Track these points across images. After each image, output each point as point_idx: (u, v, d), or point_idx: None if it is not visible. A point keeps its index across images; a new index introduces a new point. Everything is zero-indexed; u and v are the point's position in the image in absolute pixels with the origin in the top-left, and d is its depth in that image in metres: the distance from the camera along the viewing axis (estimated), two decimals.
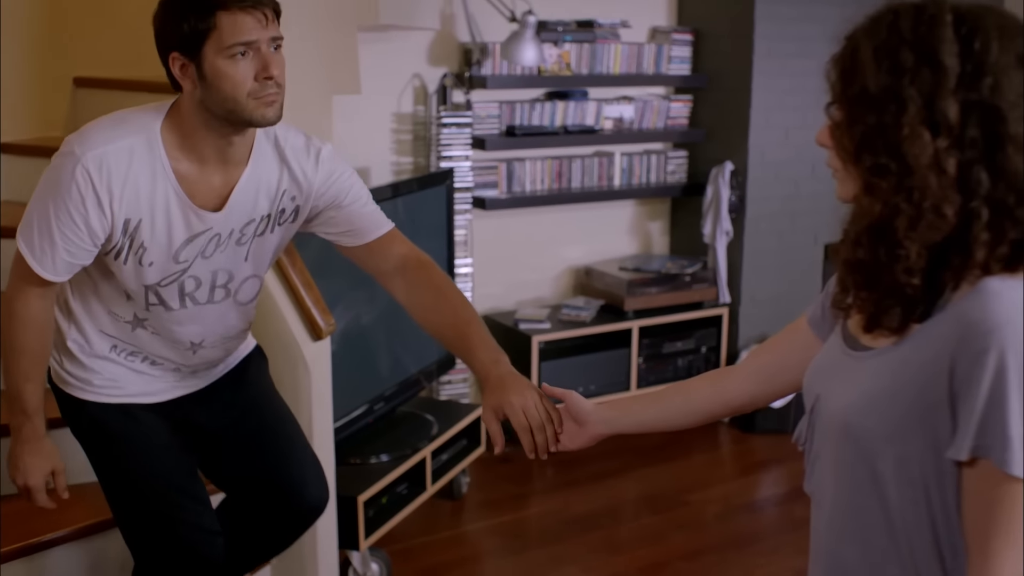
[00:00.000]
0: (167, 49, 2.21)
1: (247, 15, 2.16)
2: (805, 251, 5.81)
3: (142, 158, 2.25)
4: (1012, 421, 1.36)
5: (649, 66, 5.62)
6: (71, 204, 2.23)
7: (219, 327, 2.53)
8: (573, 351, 5.27)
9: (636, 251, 5.96)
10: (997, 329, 1.38)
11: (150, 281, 2.37)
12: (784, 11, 5.52)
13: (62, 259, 2.29)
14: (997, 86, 1.43)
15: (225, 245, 2.39)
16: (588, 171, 5.56)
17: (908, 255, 1.45)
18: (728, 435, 5.57)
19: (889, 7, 1.51)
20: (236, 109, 2.19)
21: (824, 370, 1.68)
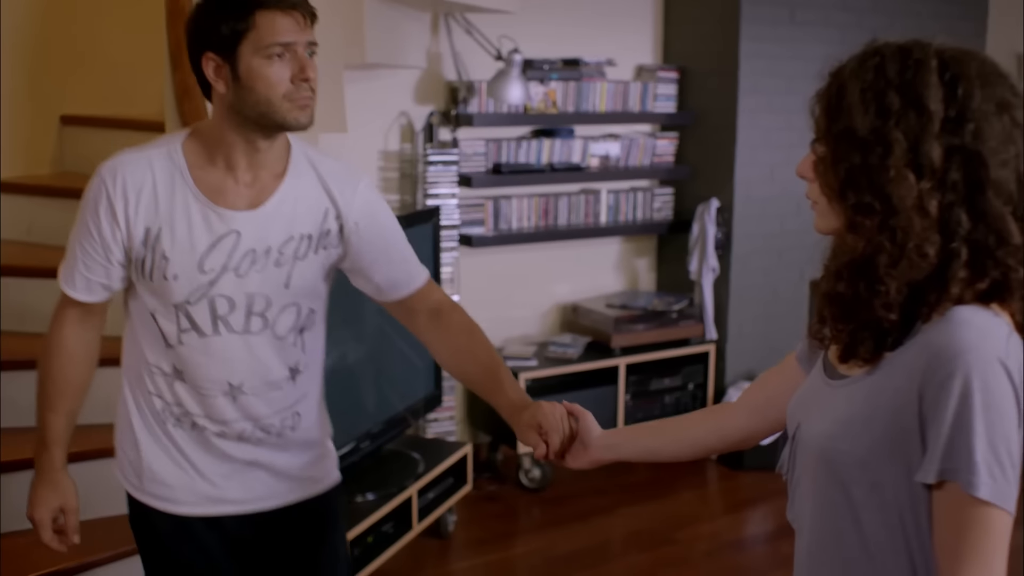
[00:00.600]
0: (201, 50, 2.15)
1: (285, 16, 2.12)
2: (791, 287, 5.82)
3: (161, 168, 2.20)
4: (977, 444, 1.40)
5: (635, 104, 5.65)
6: (88, 216, 2.21)
7: (258, 366, 2.31)
8: (560, 388, 5.26)
9: (623, 288, 5.97)
10: (962, 354, 1.42)
11: (178, 298, 2.23)
12: (769, 49, 5.56)
13: (80, 274, 2.25)
14: (979, 132, 1.48)
15: (262, 264, 2.25)
16: (574, 208, 5.57)
17: (888, 291, 1.49)
18: (716, 472, 5.56)
19: (875, 48, 1.55)
20: (269, 111, 2.14)
21: (805, 399, 1.72)
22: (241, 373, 2.30)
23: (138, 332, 2.31)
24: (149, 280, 2.22)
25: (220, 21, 2.11)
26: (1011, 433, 1.43)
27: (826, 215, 1.59)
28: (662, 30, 5.89)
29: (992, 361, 1.42)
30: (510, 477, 5.27)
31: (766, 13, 5.53)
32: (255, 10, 2.10)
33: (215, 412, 2.31)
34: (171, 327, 2.25)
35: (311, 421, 2.45)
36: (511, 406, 2.37)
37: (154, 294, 2.24)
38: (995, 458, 1.41)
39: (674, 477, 5.43)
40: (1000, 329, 1.47)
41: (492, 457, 5.42)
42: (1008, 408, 1.43)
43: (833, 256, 1.59)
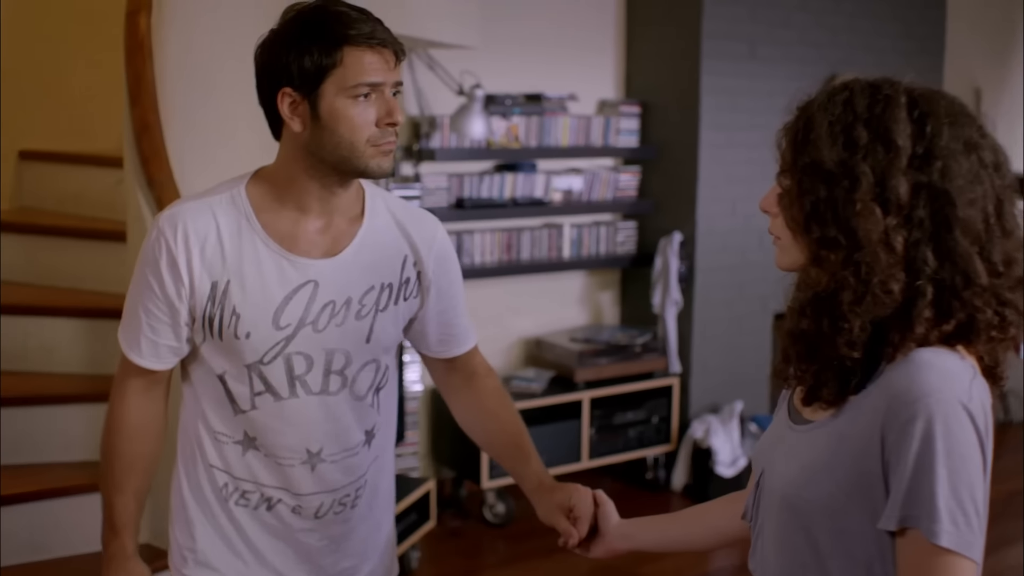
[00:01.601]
0: (277, 84, 1.95)
1: (375, 54, 1.94)
2: (754, 320, 5.84)
3: (225, 214, 2.00)
4: (939, 491, 1.36)
5: (597, 138, 5.66)
6: (149, 271, 1.99)
7: (336, 428, 2.09)
8: (524, 423, 5.22)
9: (587, 322, 5.97)
10: (923, 398, 1.39)
11: (251, 358, 2.01)
12: (730, 84, 5.59)
13: (147, 338, 2.02)
14: (947, 170, 1.46)
15: (342, 317, 2.05)
16: (537, 243, 5.57)
17: (851, 328, 1.46)
18: (680, 505, 5.54)
19: (844, 84, 1.54)
20: (351, 156, 1.95)
21: (769, 445, 1.68)
22: (320, 439, 2.08)
23: (201, 399, 2.09)
24: (219, 339, 2.01)
25: (304, 54, 1.92)
26: (975, 479, 1.39)
27: (789, 251, 1.57)
28: (624, 65, 5.92)
29: (954, 404, 1.39)
30: (474, 512, 5.24)
31: (727, 48, 5.57)
32: (343, 45, 1.92)
33: (293, 483, 2.09)
34: (243, 390, 2.04)
35: (384, 489, 2.27)
36: (538, 481, 2.27)
37: (224, 354, 2.03)
38: (958, 505, 1.36)
39: (639, 510, 5.38)
40: (964, 372, 1.44)
41: (456, 492, 5.38)
42: (972, 454, 1.39)
43: (797, 292, 1.56)
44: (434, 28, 4.62)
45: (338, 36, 1.92)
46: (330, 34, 1.92)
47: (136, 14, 3.46)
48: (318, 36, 1.92)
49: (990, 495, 1.44)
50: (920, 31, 6.40)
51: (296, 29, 1.95)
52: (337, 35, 1.92)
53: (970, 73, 7.78)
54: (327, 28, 1.92)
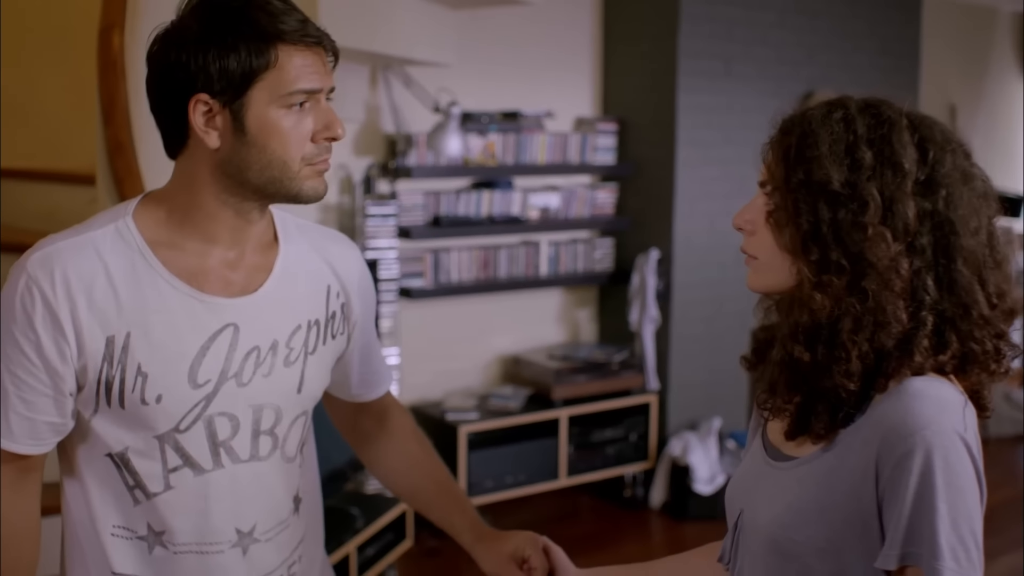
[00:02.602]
0: (187, 89, 1.57)
1: (313, 54, 1.61)
2: (732, 337, 5.84)
3: (113, 251, 1.61)
4: (940, 527, 1.31)
5: (574, 155, 5.66)
6: (17, 330, 1.57)
7: (269, 499, 1.76)
8: (501, 441, 5.21)
9: (564, 339, 5.96)
10: (920, 430, 1.33)
11: (164, 426, 1.63)
12: (706, 101, 5.61)
13: (18, 414, 1.59)
14: (951, 198, 1.42)
15: (269, 366, 1.71)
16: (515, 260, 5.56)
17: (849, 358, 1.40)
18: (659, 523, 5.53)
19: (838, 101, 1.49)
20: (282, 178, 1.61)
21: (746, 483, 1.60)
22: (252, 514, 1.73)
23: (88, 487, 1.67)
24: (118, 407, 1.61)
25: (226, 53, 1.56)
26: (974, 512, 1.34)
27: (769, 271, 1.50)
28: (601, 82, 5.92)
29: (952, 436, 1.34)
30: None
31: (703, 66, 5.58)
32: (276, 42, 1.57)
33: (223, 574, 1.73)
34: (154, 468, 1.65)
35: (320, 559, 1.96)
36: (477, 532, 2.00)
37: (125, 426, 1.63)
38: (959, 540, 1.31)
39: (617, 528, 5.40)
40: (957, 400, 1.39)
41: None
42: (970, 486, 1.34)
43: (787, 317, 1.48)
44: (410, 45, 4.61)
45: (270, 31, 1.57)
46: (260, 29, 1.56)
47: (109, 31, 3.45)
48: (245, 31, 1.56)
49: None
50: (896, 48, 6.43)
51: (215, 22, 1.57)
52: (269, 30, 1.57)
53: (945, 90, 7.83)
54: (255, 22, 1.57)
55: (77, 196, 4.30)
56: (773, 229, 1.48)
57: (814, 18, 6.00)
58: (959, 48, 8.01)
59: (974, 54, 8.20)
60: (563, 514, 5.57)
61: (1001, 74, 8.47)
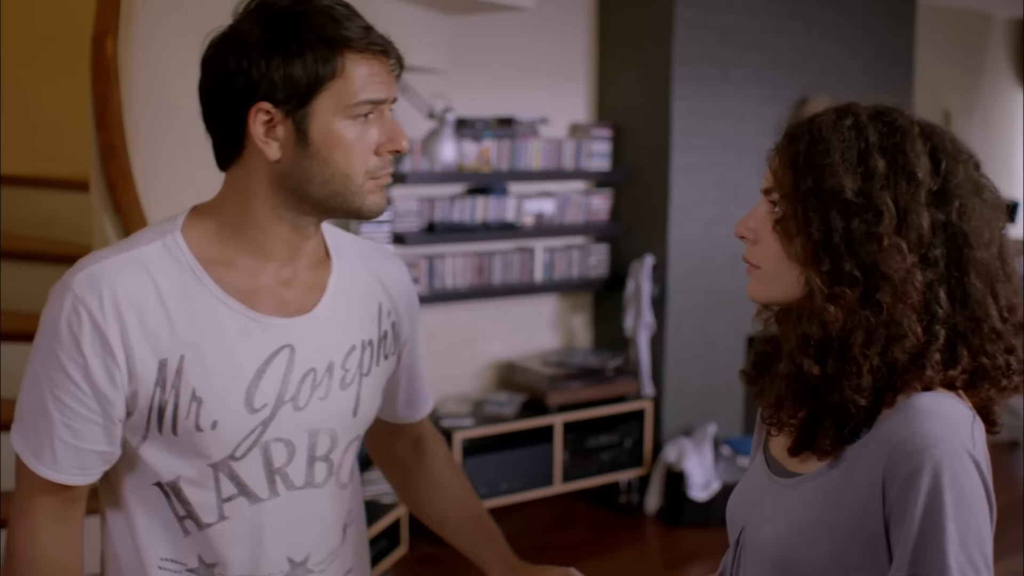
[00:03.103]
0: (248, 97, 1.49)
1: (379, 63, 1.53)
2: (727, 343, 5.83)
3: (163, 269, 1.52)
4: (949, 547, 1.27)
5: (569, 161, 5.65)
6: (63, 353, 1.47)
7: (322, 528, 1.69)
8: (496, 447, 5.20)
9: (559, 345, 5.95)
10: (928, 448, 1.29)
11: (219, 454, 1.55)
12: (701, 107, 5.60)
13: (64, 442, 1.50)
14: (964, 209, 1.39)
15: (325, 388, 1.63)
16: (509, 266, 5.55)
17: (861, 372, 1.36)
18: (654, 529, 5.52)
19: (847, 108, 1.45)
20: (345, 191, 1.53)
21: (748, 498, 1.56)
22: (306, 544, 1.66)
23: (134, 519, 1.59)
24: (171, 434, 1.53)
25: (291, 60, 1.48)
26: (984, 532, 1.31)
27: (772, 281, 1.46)
28: (596, 88, 5.92)
29: (960, 453, 1.30)
30: None
31: (698, 72, 5.58)
32: (342, 49, 1.49)
33: None
34: (207, 498, 1.57)
35: None
36: (506, 564, 1.90)
37: (178, 454, 1.54)
38: (968, 560, 1.28)
39: (613, 534, 5.39)
40: (965, 416, 1.35)
41: None
42: (979, 504, 1.30)
43: (795, 329, 1.43)
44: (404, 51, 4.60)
45: (336, 38, 1.49)
46: (326, 36, 1.49)
47: (103, 37, 3.43)
48: (311, 37, 1.48)
49: None
50: (890, 54, 6.43)
51: (279, 27, 1.50)
52: (335, 37, 1.49)
53: (940, 96, 7.83)
54: (321, 28, 1.49)
55: (70, 202, 4.28)
56: (781, 238, 1.43)
57: (808, 24, 6.00)
58: (953, 54, 8.02)
59: (968, 60, 8.21)
60: (558, 520, 5.55)
61: (995, 80, 8.48)
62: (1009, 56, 8.56)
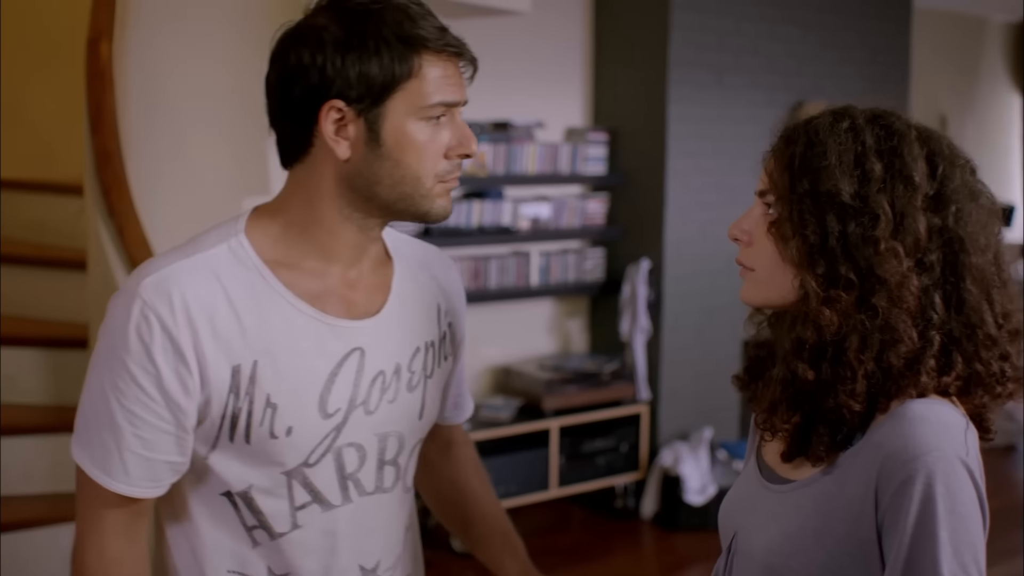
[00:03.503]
0: (321, 95, 1.46)
1: (452, 64, 1.51)
2: (724, 347, 5.83)
3: (231, 273, 1.49)
4: (942, 556, 1.26)
5: (565, 165, 5.65)
6: (132, 362, 1.43)
7: (390, 534, 1.67)
8: (492, 451, 5.19)
9: (555, 349, 5.94)
10: (921, 456, 1.28)
11: (293, 461, 1.52)
12: (697, 111, 5.60)
13: (135, 454, 1.45)
14: (960, 214, 1.38)
15: (394, 391, 1.60)
16: (505, 270, 5.54)
17: (855, 377, 1.35)
18: (650, 533, 5.52)
19: (843, 110, 1.44)
20: (414, 194, 1.50)
21: (741, 505, 1.55)
22: (376, 550, 1.64)
23: (199, 532, 1.55)
24: (243, 443, 1.49)
25: (367, 57, 1.45)
26: (977, 540, 1.29)
27: (766, 284, 1.45)
28: (592, 92, 5.92)
29: (954, 462, 1.28)
30: (442, 543, 5.19)
31: (693, 76, 5.58)
32: (420, 49, 1.47)
33: None
34: (280, 506, 1.54)
35: None
36: (524, 569, 1.88)
37: (251, 462, 1.51)
38: (962, 569, 1.27)
39: (609, 538, 5.38)
40: (958, 423, 1.34)
41: (424, 522, 5.34)
42: (972, 513, 1.29)
43: (789, 333, 1.41)
44: None
45: (414, 38, 1.46)
46: (404, 35, 1.46)
47: (97, 41, 3.43)
48: (388, 36, 1.45)
49: None
50: (886, 59, 6.43)
51: (357, 24, 1.46)
52: (413, 36, 1.46)
53: (935, 100, 7.84)
54: (399, 26, 1.46)
55: (65, 206, 4.28)
56: (776, 241, 1.42)
57: (804, 29, 6.01)
58: (949, 58, 8.02)
59: (964, 64, 8.22)
60: (554, 525, 5.55)
61: (991, 84, 8.49)
62: (1005, 60, 8.57)
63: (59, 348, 3.76)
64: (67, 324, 3.88)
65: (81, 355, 3.68)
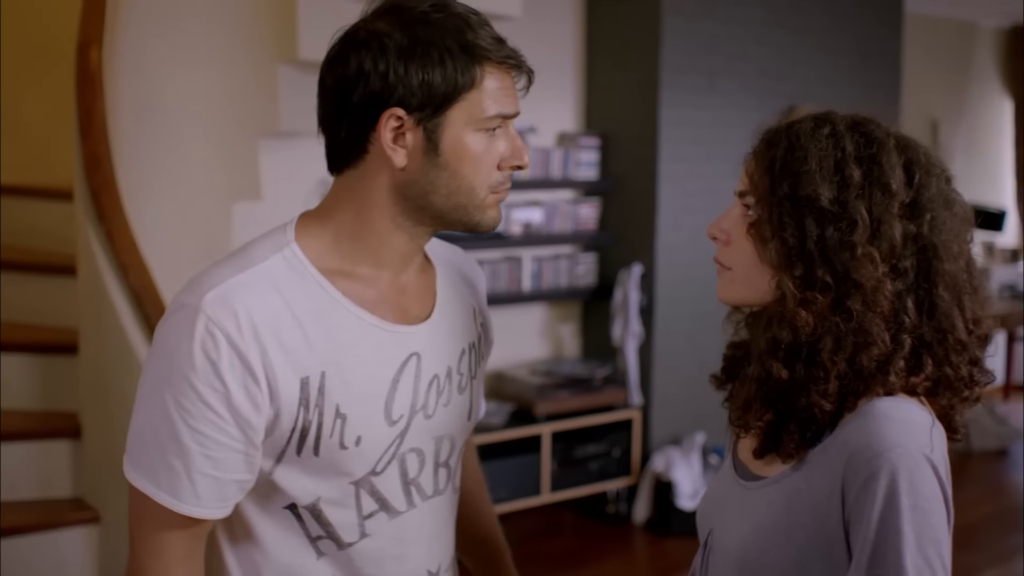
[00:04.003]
0: (381, 102, 1.44)
1: (508, 76, 1.50)
2: (715, 352, 5.77)
3: (290, 283, 1.46)
4: (906, 549, 1.29)
5: (557, 170, 5.65)
6: (198, 380, 1.38)
7: (448, 537, 1.68)
8: (484, 456, 5.17)
9: (547, 354, 5.94)
10: (885, 452, 1.32)
11: (361, 470, 1.50)
12: (689, 115, 5.60)
13: (204, 475, 1.41)
14: (935, 222, 1.41)
15: (448, 395, 1.60)
16: (497, 275, 5.53)
17: (827, 377, 1.39)
18: (642, 538, 5.51)
19: (825, 116, 1.48)
20: (468, 204, 1.49)
21: (716, 502, 1.59)
22: (439, 553, 1.65)
23: (260, 547, 1.52)
24: (311, 455, 1.46)
25: (434, 67, 1.43)
26: (941, 535, 1.32)
27: (742, 283, 1.49)
28: (584, 97, 5.92)
29: (918, 458, 1.32)
30: None
31: (685, 81, 5.58)
32: (482, 60, 1.46)
33: None
34: (347, 517, 1.52)
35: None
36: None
37: (319, 475, 1.48)
38: (926, 563, 1.30)
39: (601, 544, 5.38)
40: (924, 420, 1.38)
41: None
42: (936, 508, 1.32)
43: (764, 333, 1.45)
44: None
45: (476, 48, 1.45)
46: (467, 45, 1.45)
47: (87, 47, 3.43)
48: (452, 46, 1.44)
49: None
50: (877, 63, 6.44)
51: (421, 31, 1.44)
52: (475, 47, 1.45)
53: (927, 105, 7.86)
54: (462, 35, 1.45)
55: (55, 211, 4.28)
56: (756, 242, 1.46)
57: (796, 33, 6.01)
58: (941, 63, 8.04)
59: (956, 69, 8.23)
60: (546, 530, 5.54)
61: (983, 89, 8.51)
62: (996, 65, 8.59)
63: (49, 354, 3.75)
64: (57, 329, 3.87)
65: (71, 360, 3.67)
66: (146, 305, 3.30)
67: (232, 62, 3.90)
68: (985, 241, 8.42)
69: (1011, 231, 8.63)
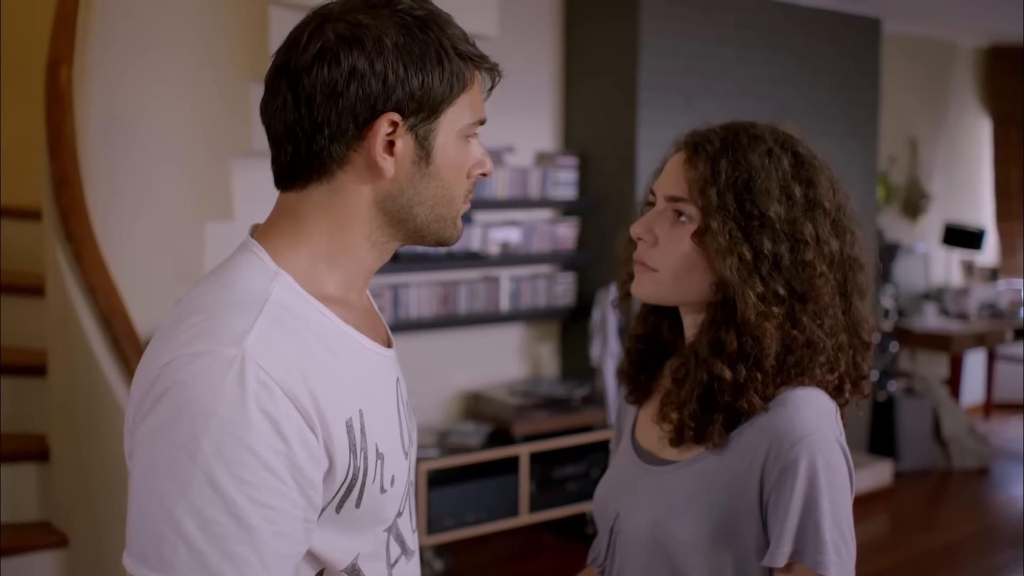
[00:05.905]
0: (374, 107, 1.27)
1: (488, 82, 1.40)
2: None
3: (306, 316, 1.28)
4: (825, 524, 1.42)
5: (535, 190, 5.63)
6: (259, 443, 1.15)
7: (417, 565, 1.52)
8: (462, 478, 5.14)
9: (526, 374, 5.91)
10: (806, 436, 1.43)
11: (392, 514, 1.36)
12: (667, 135, 5.55)
13: (278, 555, 1.18)
14: (855, 239, 1.55)
15: (407, 416, 1.46)
16: (475, 295, 5.51)
17: (768, 381, 1.49)
18: None
19: (752, 128, 1.56)
20: (447, 215, 1.36)
21: (621, 486, 1.65)
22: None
23: None
24: (353, 508, 1.28)
25: (430, 69, 1.29)
26: (848, 509, 1.46)
27: (669, 285, 1.55)
28: (562, 116, 5.91)
29: (832, 442, 1.45)
30: None
31: (663, 100, 5.58)
32: (476, 64, 1.36)
33: None
34: (379, 569, 1.36)
35: None
36: None
37: (354, 530, 1.30)
38: (840, 535, 1.43)
39: (580, 565, 5.31)
40: (831, 408, 1.51)
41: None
42: (845, 486, 1.46)
43: (705, 333, 1.53)
44: None
45: (468, 52, 1.34)
46: (461, 49, 1.33)
47: (57, 65, 3.40)
48: (448, 47, 1.31)
49: (932, 545, 1.52)
50: (856, 82, 6.45)
51: (416, 32, 1.30)
52: (468, 51, 1.34)
53: (906, 123, 7.87)
54: (457, 39, 1.33)
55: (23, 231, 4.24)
56: (705, 250, 1.51)
57: (774, 52, 6.01)
58: (919, 82, 8.06)
59: (934, 88, 8.26)
60: (524, 552, 5.50)
61: (961, 108, 8.53)
62: (974, 85, 8.62)
63: (17, 375, 3.70)
64: (26, 351, 3.82)
65: (39, 382, 3.62)
66: (115, 327, 3.26)
67: (204, 81, 3.88)
68: (964, 260, 8.42)
69: (990, 250, 8.64)
